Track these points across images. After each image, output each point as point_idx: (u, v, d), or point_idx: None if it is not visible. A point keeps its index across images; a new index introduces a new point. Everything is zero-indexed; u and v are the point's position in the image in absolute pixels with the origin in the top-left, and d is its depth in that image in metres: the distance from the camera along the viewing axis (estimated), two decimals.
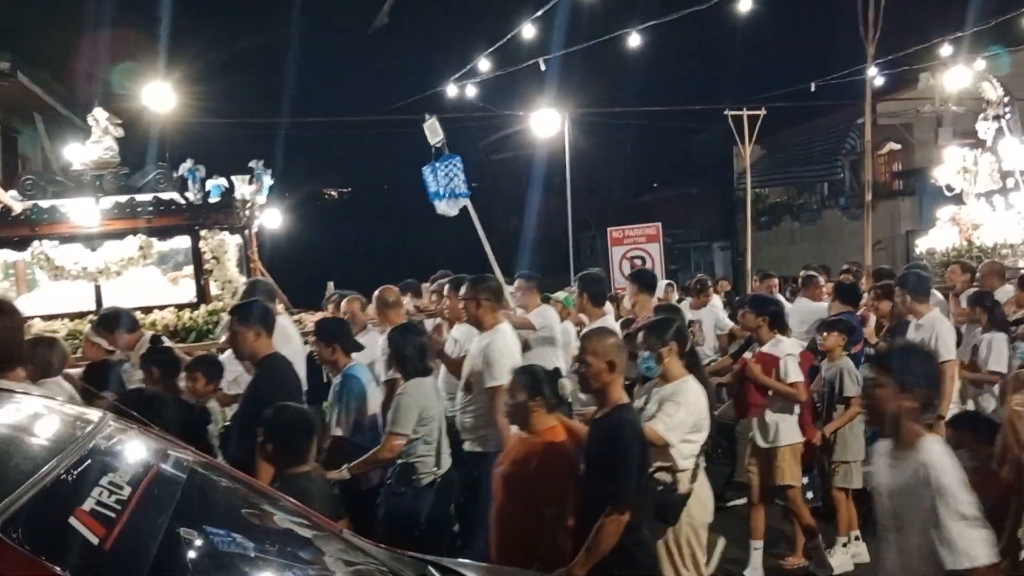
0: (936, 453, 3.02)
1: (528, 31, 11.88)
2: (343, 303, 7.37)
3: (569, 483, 3.93)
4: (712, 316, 8.93)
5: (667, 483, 4.17)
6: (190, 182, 8.34)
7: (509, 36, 12.05)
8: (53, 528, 1.80)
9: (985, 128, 9.59)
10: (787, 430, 5.75)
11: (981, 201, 9.55)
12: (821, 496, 6.27)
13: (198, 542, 2.26)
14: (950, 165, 9.65)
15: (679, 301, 9.42)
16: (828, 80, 17.18)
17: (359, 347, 5.69)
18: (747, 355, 6.13)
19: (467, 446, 5.35)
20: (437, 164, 7.28)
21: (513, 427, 4.44)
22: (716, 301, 9.40)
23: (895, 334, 6.41)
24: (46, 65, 14.07)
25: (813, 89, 16.86)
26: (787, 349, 5.84)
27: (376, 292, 6.72)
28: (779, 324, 6.01)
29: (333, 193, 44.51)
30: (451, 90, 14.39)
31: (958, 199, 9.79)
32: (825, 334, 6.25)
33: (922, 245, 9.76)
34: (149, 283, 8.58)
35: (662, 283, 9.58)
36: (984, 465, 3.92)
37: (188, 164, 8.43)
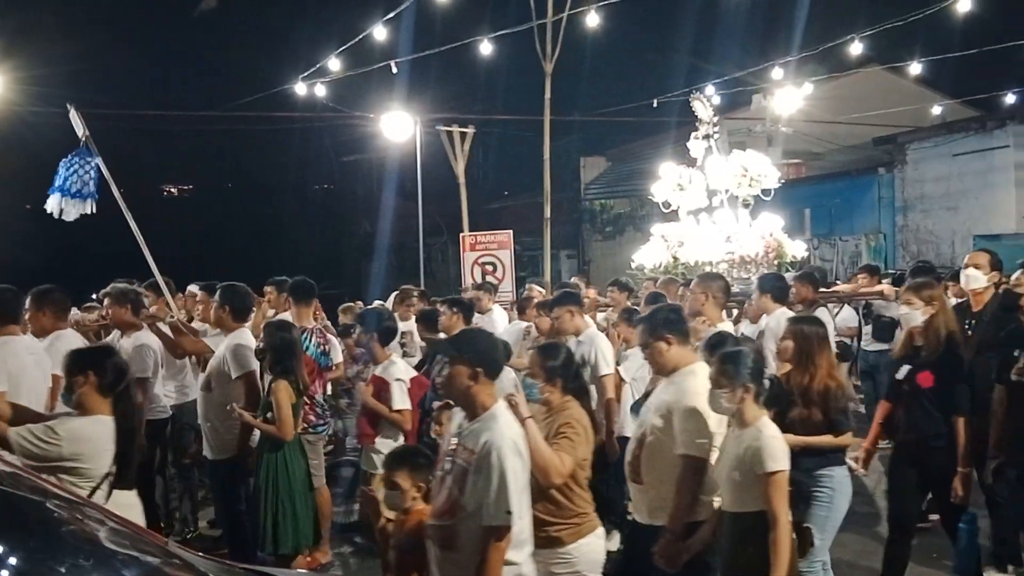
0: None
1: (380, 32, 11.79)
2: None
3: None
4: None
5: None
6: None
7: (361, 36, 11.91)
8: None
9: (696, 146, 9.72)
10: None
11: (690, 218, 9.65)
12: None
13: None
14: (666, 182, 9.65)
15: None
16: (671, 97, 17.95)
17: None
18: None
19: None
20: (73, 158, 7.00)
21: None
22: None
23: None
24: None
25: (655, 105, 17.57)
26: (397, 373, 5.72)
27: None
28: (387, 340, 5.91)
29: (173, 190, 42.61)
30: (300, 88, 14.06)
31: (675, 215, 9.88)
32: None
33: (637, 260, 9.71)
34: None
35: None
36: None
37: None
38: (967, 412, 4.95)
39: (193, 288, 7.90)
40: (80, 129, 6.98)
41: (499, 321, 8.70)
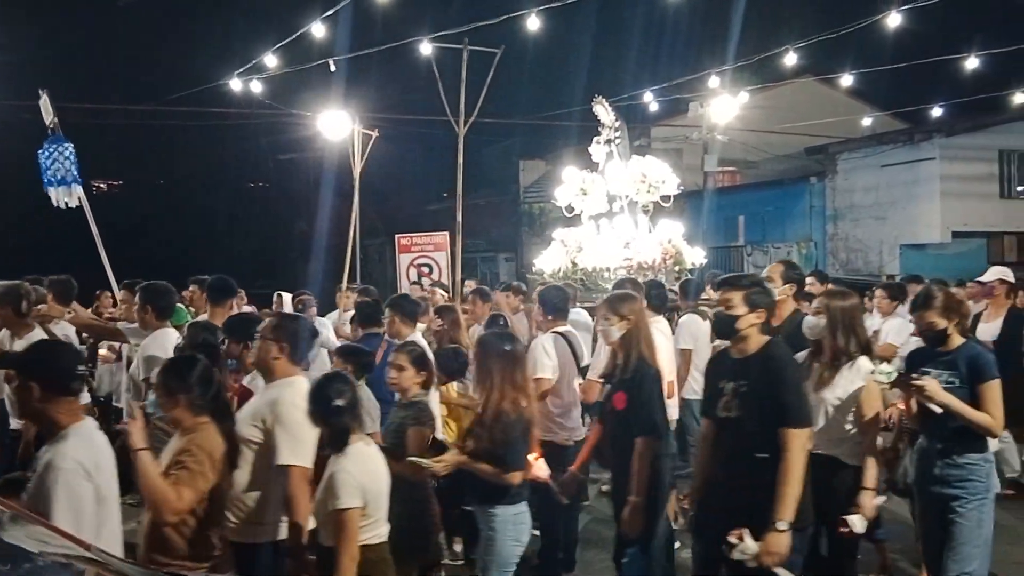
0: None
1: (319, 30, 11.61)
2: None
3: None
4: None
5: None
6: None
7: (298, 33, 11.72)
8: None
9: (598, 151, 9.67)
10: None
11: (591, 223, 9.57)
12: None
13: None
14: (569, 186, 9.57)
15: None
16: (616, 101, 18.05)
17: None
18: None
19: None
20: (47, 147, 6.88)
21: None
22: None
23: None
24: None
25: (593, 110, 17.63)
26: None
27: None
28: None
29: (102, 185, 41.45)
30: (235, 84, 13.77)
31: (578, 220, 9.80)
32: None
33: (537, 264, 9.59)
34: None
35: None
36: None
37: None
38: (650, 435, 4.47)
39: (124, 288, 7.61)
40: (48, 116, 6.79)
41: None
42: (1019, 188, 21.50)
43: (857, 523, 4.20)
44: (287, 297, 9.06)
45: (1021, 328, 6.78)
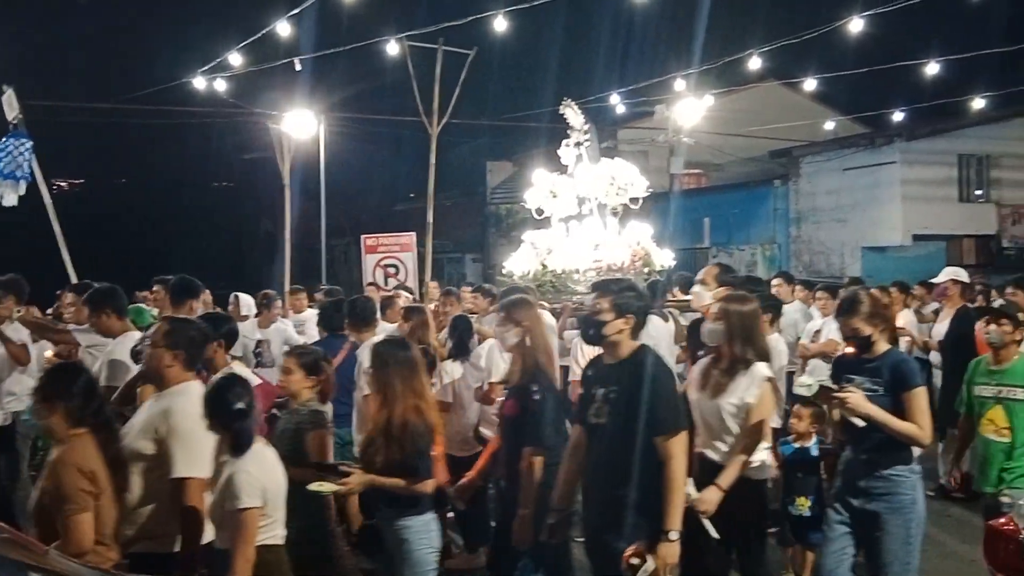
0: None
1: (284, 28, 11.52)
2: None
3: None
4: (280, 335, 8.49)
5: None
6: None
7: (264, 32, 11.62)
8: None
9: (567, 154, 9.56)
10: None
11: (561, 226, 9.47)
12: None
13: None
14: (539, 188, 9.48)
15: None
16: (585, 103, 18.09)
17: None
18: None
19: None
20: (5, 141, 6.79)
21: None
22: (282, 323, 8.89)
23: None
24: None
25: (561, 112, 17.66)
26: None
27: None
28: (230, 344, 5.44)
29: (63, 184, 40.81)
30: (199, 83, 13.63)
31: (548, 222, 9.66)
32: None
33: (507, 266, 9.42)
34: None
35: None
36: None
37: None
38: (536, 445, 4.39)
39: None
40: (12, 111, 6.67)
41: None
42: (977, 192, 21.93)
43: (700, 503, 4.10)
44: (244, 298, 8.93)
45: (970, 327, 6.85)
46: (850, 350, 4.47)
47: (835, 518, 4.37)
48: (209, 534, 3.68)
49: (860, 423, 4.15)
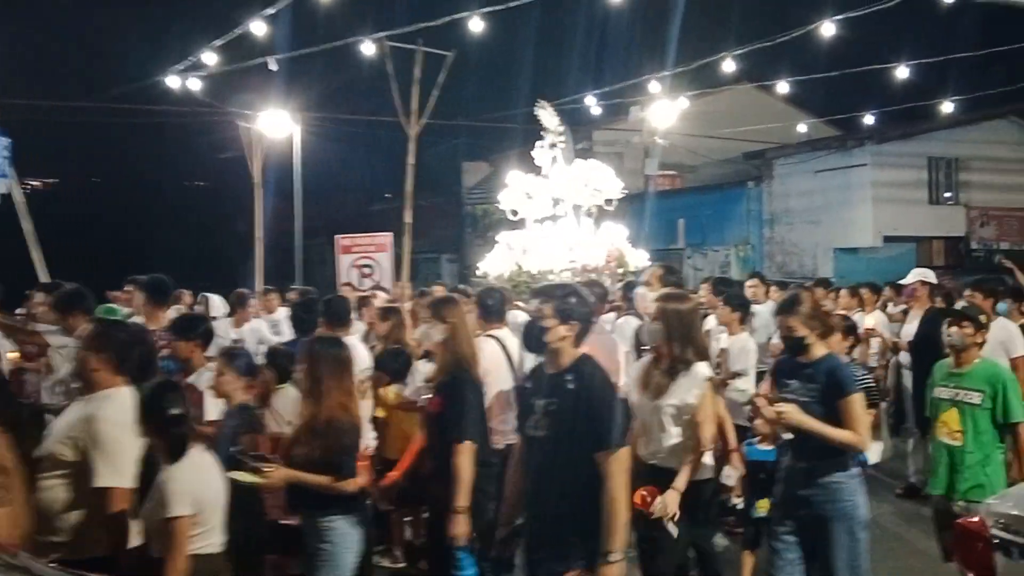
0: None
1: (259, 27, 11.47)
2: None
3: None
4: (254, 335, 8.48)
5: None
6: None
7: (239, 31, 11.57)
8: None
9: (542, 155, 9.68)
10: None
11: (536, 226, 9.58)
12: None
13: None
14: (513, 190, 9.54)
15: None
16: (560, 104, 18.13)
17: None
18: None
19: None
20: None
21: None
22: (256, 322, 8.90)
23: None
24: None
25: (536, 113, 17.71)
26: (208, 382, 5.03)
27: None
28: (206, 344, 5.42)
29: (36, 183, 40.32)
30: (173, 82, 13.54)
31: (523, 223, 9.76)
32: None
33: (482, 267, 9.53)
34: None
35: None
36: None
37: None
38: (461, 441, 4.36)
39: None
40: None
41: None
42: (947, 194, 22.26)
43: (657, 508, 4.14)
44: (214, 299, 8.88)
45: (938, 328, 6.96)
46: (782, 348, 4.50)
47: (781, 529, 4.36)
48: (136, 539, 3.58)
49: (787, 435, 4.21)
